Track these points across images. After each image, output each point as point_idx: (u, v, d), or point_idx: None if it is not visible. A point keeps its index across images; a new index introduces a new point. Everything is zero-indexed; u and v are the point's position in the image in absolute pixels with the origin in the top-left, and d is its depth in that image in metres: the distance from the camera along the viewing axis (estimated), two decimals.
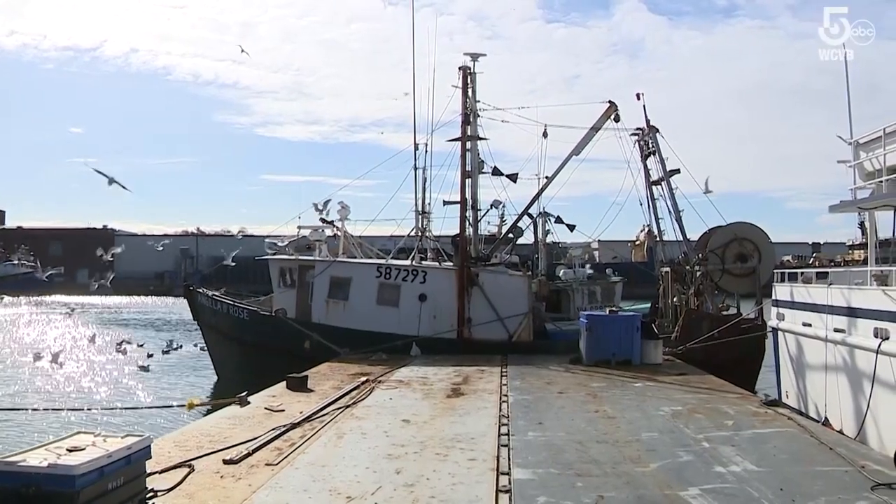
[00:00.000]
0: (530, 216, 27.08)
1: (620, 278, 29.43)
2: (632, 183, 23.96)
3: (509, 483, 8.40)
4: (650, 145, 24.17)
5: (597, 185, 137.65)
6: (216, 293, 26.31)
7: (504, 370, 18.17)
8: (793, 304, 17.01)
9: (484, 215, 26.30)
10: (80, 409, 18.41)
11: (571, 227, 28.90)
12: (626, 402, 13.88)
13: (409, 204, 26.44)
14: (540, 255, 30.28)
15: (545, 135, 23.81)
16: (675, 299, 23.85)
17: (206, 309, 26.20)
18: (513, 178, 24.78)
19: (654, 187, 24.05)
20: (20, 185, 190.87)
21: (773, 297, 18.50)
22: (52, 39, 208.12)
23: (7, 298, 78.97)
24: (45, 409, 18.56)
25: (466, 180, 23.84)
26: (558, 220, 29.41)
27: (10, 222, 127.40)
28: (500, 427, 11.47)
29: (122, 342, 36.04)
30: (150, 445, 7.39)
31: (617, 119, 23.88)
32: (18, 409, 16.51)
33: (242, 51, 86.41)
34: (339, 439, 10.66)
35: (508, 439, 10.61)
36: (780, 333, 17.72)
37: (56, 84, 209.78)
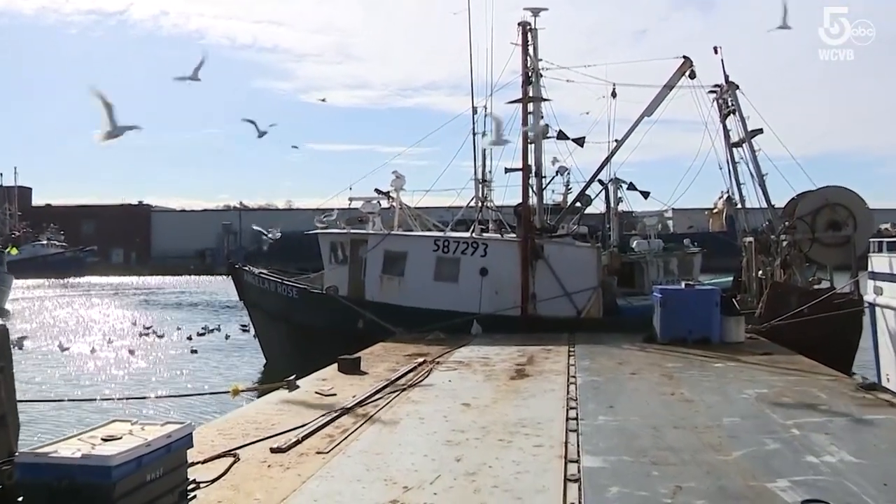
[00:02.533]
0: (600, 183, 26.81)
1: (698, 249, 28.90)
2: (710, 145, 23.42)
3: (578, 471, 8.26)
4: (729, 103, 23.49)
5: (671, 149, 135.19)
6: (263, 271, 26.60)
7: (572, 349, 18.03)
8: (892, 277, 16.35)
9: (549, 183, 26.18)
10: (116, 398, 18.84)
11: (645, 195, 28.48)
12: (706, 384, 13.58)
13: (467, 172, 26.48)
14: (610, 225, 29.99)
15: (614, 94, 23.62)
16: (759, 272, 23.18)
17: (252, 288, 26.57)
18: (579, 141, 24.40)
19: (734, 149, 23.40)
20: (46, 161, 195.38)
21: (870, 269, 17.85)
22: (74, 3, 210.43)
23: (32, 281, 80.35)
24: (78, 399, 19.01)
25: (529, 145, 23.58)
26: (630, 187, 29.07)
27: (38, 200, 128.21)
28: (568, 411, 11.33)
29: (148, 328, 36.92)
30: (191, 433, 7.37)
31: (692, 76, 23.31)
32: (50, 401, 16.92)
33: None
34: (394, 425, 10.65)
35: (577, 424, 10.46)
36: (878, 309, 17.09)
37: (80, 50, 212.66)
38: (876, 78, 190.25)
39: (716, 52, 23.55)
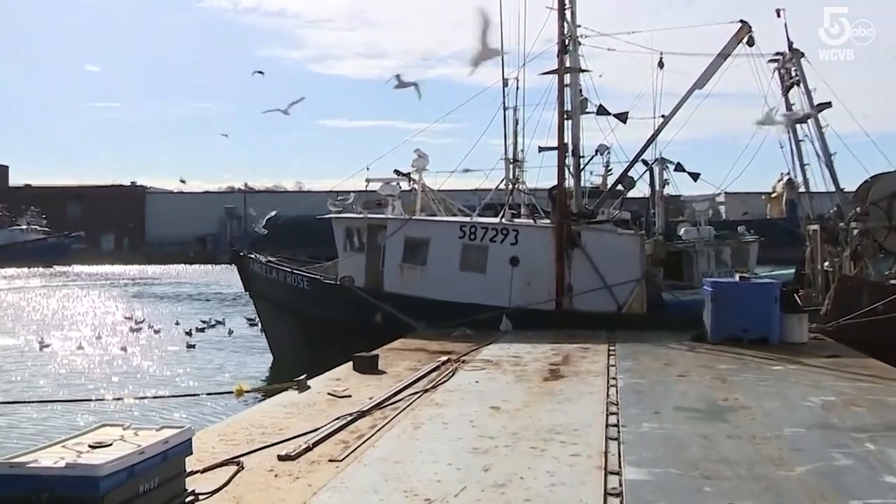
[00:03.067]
0: (644, 163, 26.53)
1: (755, 238, 28.65)
2: None
3: (620, 485, 8.16)
4: (793, 73, 23.15)
5: (725, 125, 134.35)
6: (271, 259, 26.72)
7: (612, 348, 17.96)
8: None
9: (587, 163, 25.99)
10: (106, 399, 19.01)
11: (695, 176, 28.26)
12: (763, 388, 13.42)
13: (497, 151, 26.51)
14: (656, 211, 29.78)
15: (661, 65, 23.37)
16: (825, 264, 22.89)
17: (258, 278, 26.75)
18: (622, 117, 24.17)
19: (798, 126, 23.05)
20: (28, 138, 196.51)
21: None
22: None
23: (10, 271, 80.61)
24: (60, 401, 19.17)
25: (566, 122, 23.41)
26: (678, 168, 28.86)
27: (16, 179, 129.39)
28: (608, 416, 11.25)
29: (140, 322, 37.32)
30: (190, 439, 7.35)
31: (751, 43, 22.99)
32: (31, 402, 17.05)
33: None
34: (415, 430, 10.62)
35: (618, 431, 10.37)
36: None
37: (66, 15, 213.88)
38: None
39: (778, 15, 23.27)
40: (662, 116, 23.83)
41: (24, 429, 17.53)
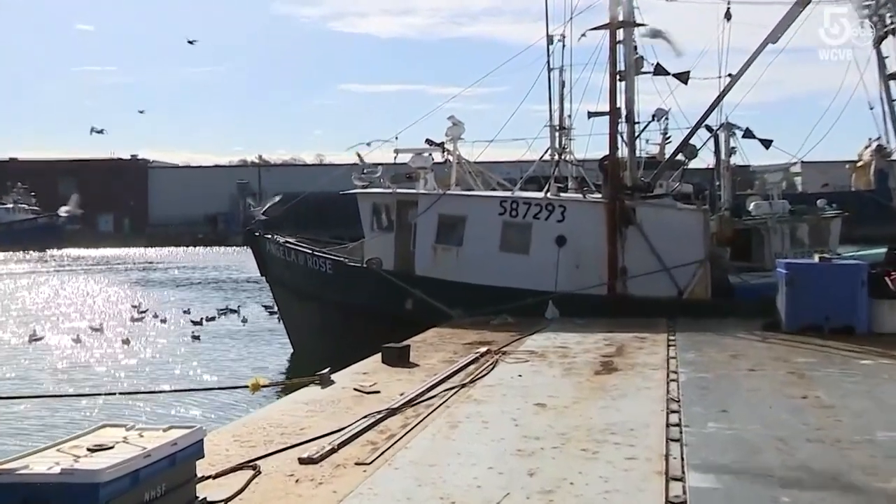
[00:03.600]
0: (708, 129, 26.19)
1: (837, 213, 28.29)
2: (856, 79, 22.52)
3: (684, 492, 8.10)
4: (888, 21, 22.58)
5: (803, 85, 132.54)
6: (289, 239, 26.86)
7: (672, 338, 17.94)
8: None
9: (643, 130, 25.69)
10: (107, 395, 19.22)
11: (767, 144, 27.87)
12: (849, 385, 13.25)
13: (541, 118, 26.41)
14: (721, 183, 29.46)
15: (728, 16, 23.19)
16: None
17: (276, 261, 26.95)
18: (683, 77, 23.88)
19: (891, 83, 22.57)
20: (13, 105, 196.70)
21: None
22: None
23: None
24: (55, 395, 19.39)
25: (619, 83, 23.26)
26: (747, 134, 28.50)
27: (1, 152, 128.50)
28: (668, 415, 11.20)
29: (143, 312, 37.72)
30: (202, 440, 7.36)
31: None
32: (21, 398, 17.23)
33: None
34: (451, 430, 10.64)
35: (681, 432, 10.30)
36: None
37: None
38: None
39: None
40: (729, 76, 23.41)
41: (13, 430, 17.76)
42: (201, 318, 34.98)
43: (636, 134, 24.42)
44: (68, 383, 22.94)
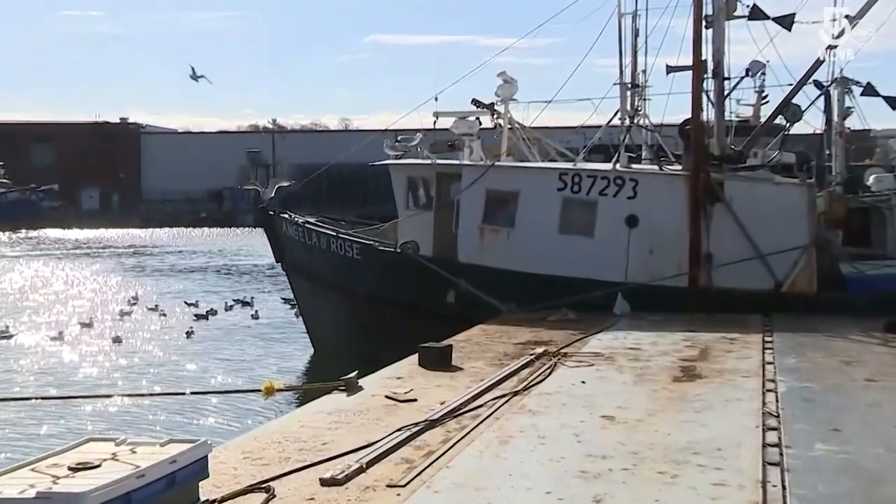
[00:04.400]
0: (817, 86, 25.81)
1: None
2: None
3: None
4: None
5: None
6: (309, 219, 26.94)
7: (768, 339, 17.84)
8: None
9: (734, 88, 25.31)
10: (92, 398, 19.31)
11: (893, 103, 27.32)
12: None
13: (608, 74, 26.40)
14: (832, 151, 29.03)
15: None
16: None
17: (294, 244, 27.09)
18: (786, 22, 23.63)
19: None
20: None
21: None
22: None
23: None
24: (30, 399, 19.49)
25: (705, 31, 23.11)
26: (868, 91, 28.00)
27: None
28: (764, 433, 11.05)
29: (134, 301, 38.31)
30: (206, 457, 7.40)
31: None
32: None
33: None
34: (502, 446, 10.62)
35: (781, 454, 10.16)
36: None
37: None
38: None
39: None
40: (847, 17, 23.14)
41: None
42: (207, 312, 35.28)
43: (726, 92, 24.25)
44: (47, 387, 23.11)
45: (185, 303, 38.39)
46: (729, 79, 24.27)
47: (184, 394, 19.99)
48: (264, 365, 26.36)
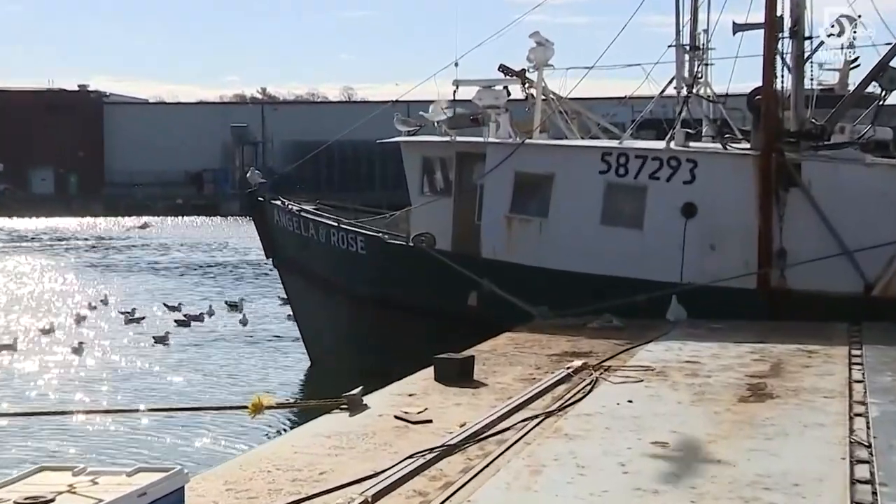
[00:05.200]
0: None
1: None
2: None
3: None
4: None
5: None
6: (306, 207, 26.97)
7: (856, 353, 17.76)
8: None
9: (816, 49, 25.14)
10: (55, 414, 19.33)
11: None
12: None
13: (662, 35, 26.53)
14: None
15: None
16: None
17: (287, 236, 27.18)
18: None
19: None
20: None
21: None
22: None
23: None
24: None
25: None
26: None
27: None
28: (852, 466, 10.95)
29: (94, 305, 38.33)
30: (182, 488, 7.39)
31: None
32: None
33: None
34: (533, 476, 10.56)
35: (874, 493, 10.03)
36: None
37: None
38: None
39: None
40: None
41: None
42: (187, 317, 35.45)
43: (806, 55, 24.16)
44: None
45: (165, 305, 38.73)
46: (810, 39, 24.25)
47: (157, 410, 19.94)
48: (253, 378, 26.49)
